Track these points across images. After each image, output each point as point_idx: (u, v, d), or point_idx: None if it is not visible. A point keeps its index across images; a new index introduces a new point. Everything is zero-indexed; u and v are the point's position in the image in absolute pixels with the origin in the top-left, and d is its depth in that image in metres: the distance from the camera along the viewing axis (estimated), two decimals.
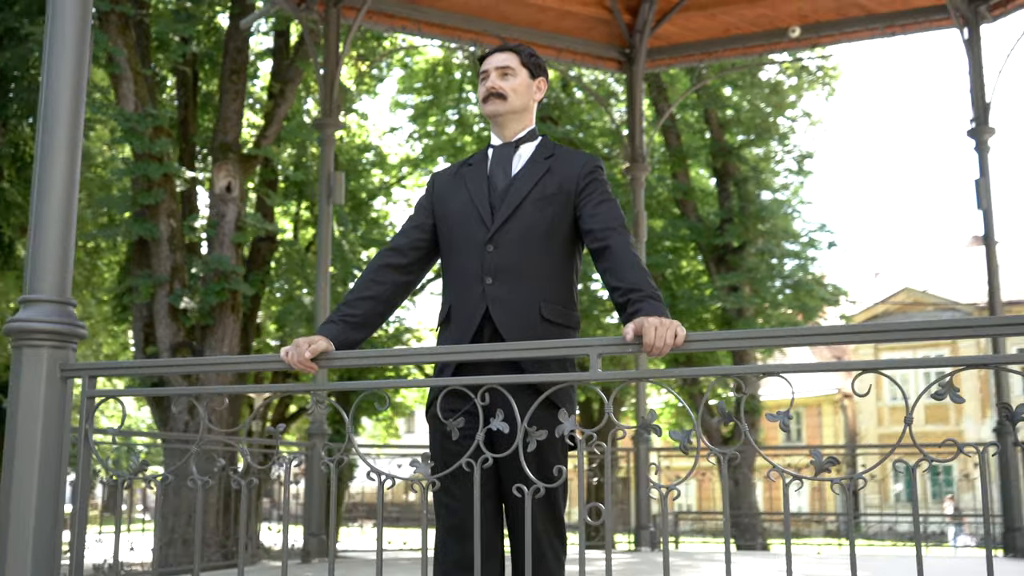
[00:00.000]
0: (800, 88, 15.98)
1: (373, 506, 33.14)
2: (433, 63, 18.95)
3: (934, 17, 9.56)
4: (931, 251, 37.60)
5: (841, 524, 31.22)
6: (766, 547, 15.06)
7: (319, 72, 8.82)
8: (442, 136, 19.99)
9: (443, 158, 20.42)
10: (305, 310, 16.02)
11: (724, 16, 9.93)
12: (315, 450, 8.10)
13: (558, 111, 17.35)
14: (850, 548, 2.26)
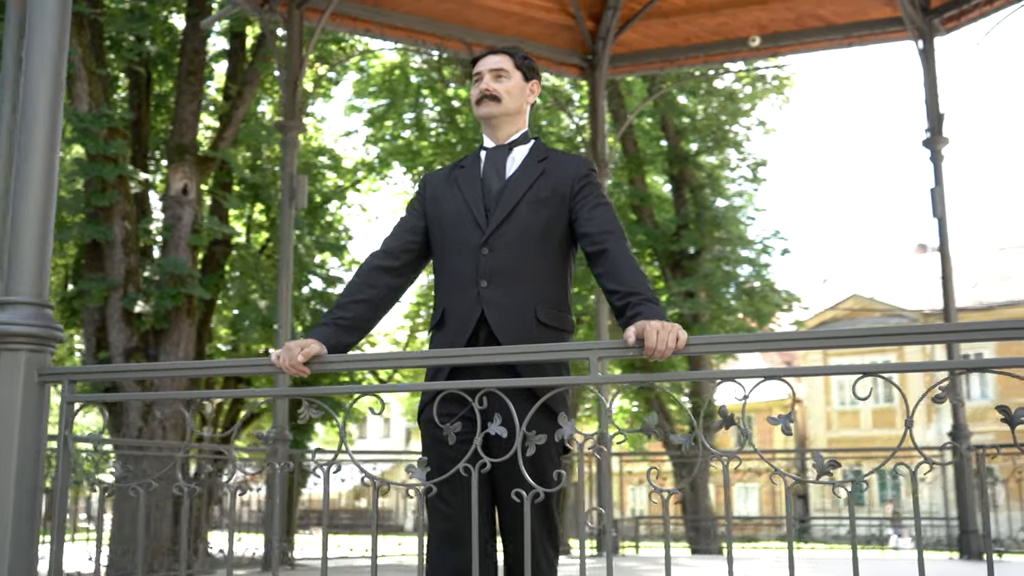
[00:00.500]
0: (755, 96, 16.16)
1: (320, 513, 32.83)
2: (390, 67, 18.87)
3: (890, 29, 9.73)
4: (878, 259, 38.27)
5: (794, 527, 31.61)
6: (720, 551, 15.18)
7: (282, 74, 8.74)
8: (398, 141, 19.92)
9: (398, 163, 20.37)
10: (260, 314, 15.82)
11: (685, 25, 10.02)
12: (276, 456, 8.01)
13: None
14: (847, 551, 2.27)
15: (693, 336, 2.43)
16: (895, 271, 34.82)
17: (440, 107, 19.07)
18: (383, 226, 44.49)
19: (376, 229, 49.79)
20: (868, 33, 9.85)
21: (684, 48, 10.23)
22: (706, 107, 16.46)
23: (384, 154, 20.27)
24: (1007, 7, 8.95)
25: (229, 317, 17.69)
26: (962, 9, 9.25)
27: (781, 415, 2.32)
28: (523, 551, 2.69)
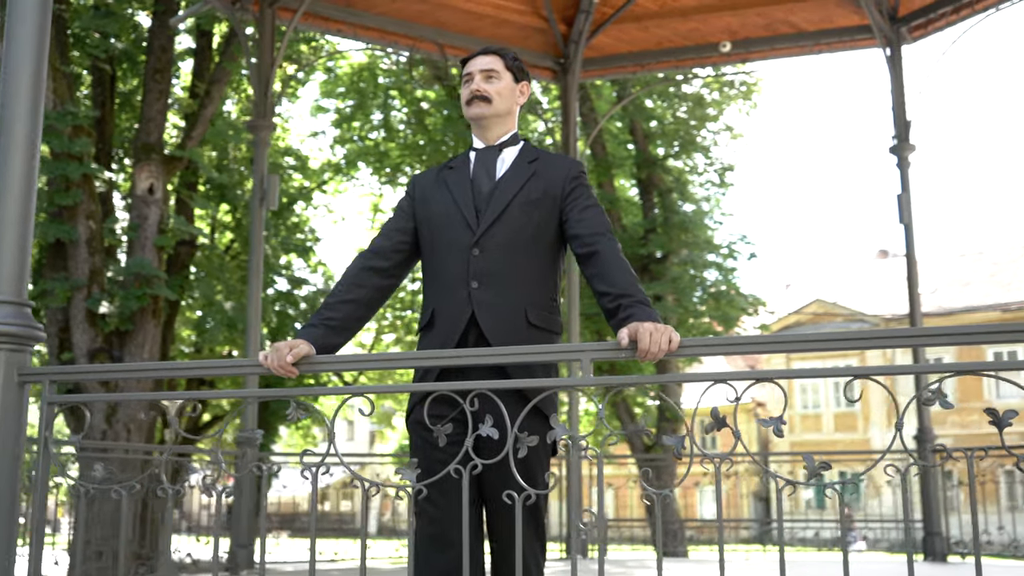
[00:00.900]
0: (723, 102, 16.28)
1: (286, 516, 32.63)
2: (358, 68, 18.80)
3: (858, 37, 9.85)
4: (840, 264, 38.69)
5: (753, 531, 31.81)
6: (686, 553, 15.26)
7: (253, 74, 8.67)
8: (366, 142, 19.85)
9: (365, 164, 20.29)
10: (225, 315, 15.69)
11: (657, 29, 10.07)
12: (245, 459, 7.94)
13: None
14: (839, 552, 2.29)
15: (684, 338, 2.44)
16: (857, 276, 35.22)
17: (408, 109, 19.02)
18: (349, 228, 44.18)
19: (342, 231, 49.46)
20: (837, 40, 9.96)
21: (656, 52, 10.28)
22: (674, 112, 16.56)
23: (351, 155, 20.20)
24: (973, 16, 9.08)
25: (192, 319, 17.52)
26: (929, 18, 9.38)
27: (772, 417, 2.34)
28: (510, 553, 2.69)
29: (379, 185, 21.30)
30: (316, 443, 28.59)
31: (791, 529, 19.58)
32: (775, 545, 12.42)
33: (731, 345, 2.48)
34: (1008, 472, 25.78)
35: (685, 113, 16.29)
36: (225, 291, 16.43)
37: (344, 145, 20.25)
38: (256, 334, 8.29)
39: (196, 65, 14.16)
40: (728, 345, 2.48)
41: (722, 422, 2.39)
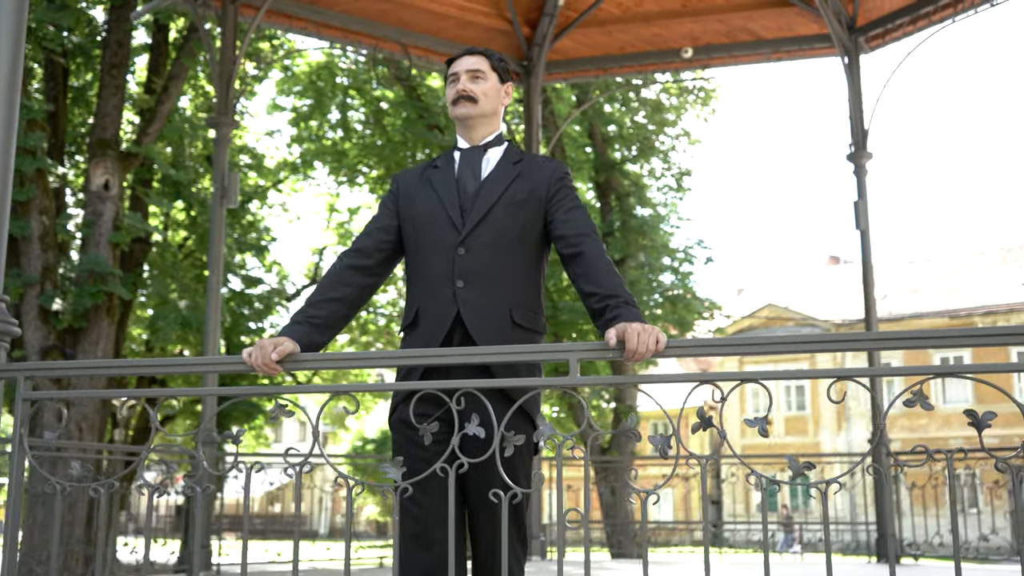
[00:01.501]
0: (681, 108, 16.42)
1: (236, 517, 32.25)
2: (316, 67, 18.67)
3: (817, 45, 9.99)
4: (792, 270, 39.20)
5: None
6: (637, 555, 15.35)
7: (215, 70, 8.58)
8: (323, 141, 19.72)
9: (321, 164, 20.16)
10: (179, 314, 15.49)
11: (620, 34, 10.13)
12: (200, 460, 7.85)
13: (445, 119, 17.36)
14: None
15: (671, 339, 2.46)
16: (808, 282, 35.71)
17: (366, 109, 18.93)
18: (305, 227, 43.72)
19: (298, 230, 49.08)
20: (796, 49, 10.09)
21: (618, 57, 10.34)
22: (633, 116, 16.67)
23: (308, 154, 20.06)
24: (929, 27, 9.26)
25: (144, 317, 17.29)
26: (887, 28, 9.54)
27: (758, 417, 2.37)
28: (493, 551, 2.71)
29: (335, 185, 21.20)
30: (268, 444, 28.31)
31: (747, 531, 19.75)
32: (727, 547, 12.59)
33: (715, 346, 2.51)
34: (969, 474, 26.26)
35: (644, 118, 16.40)
36: (179, 289, 16.24)
37: (301, 144, 20.12)
38: (215, 332, 8.20)
39: (152, 60, 13.98)
40: (712, 346, 2.51)
41: (708, 422, 2.42)
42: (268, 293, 19.99)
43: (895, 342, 2.29)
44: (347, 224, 22.86)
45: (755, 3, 9.83)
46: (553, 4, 9.71)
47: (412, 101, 17.34)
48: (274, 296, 20.09)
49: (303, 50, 17.98)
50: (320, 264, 23.34)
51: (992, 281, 31.48)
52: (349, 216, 22.86)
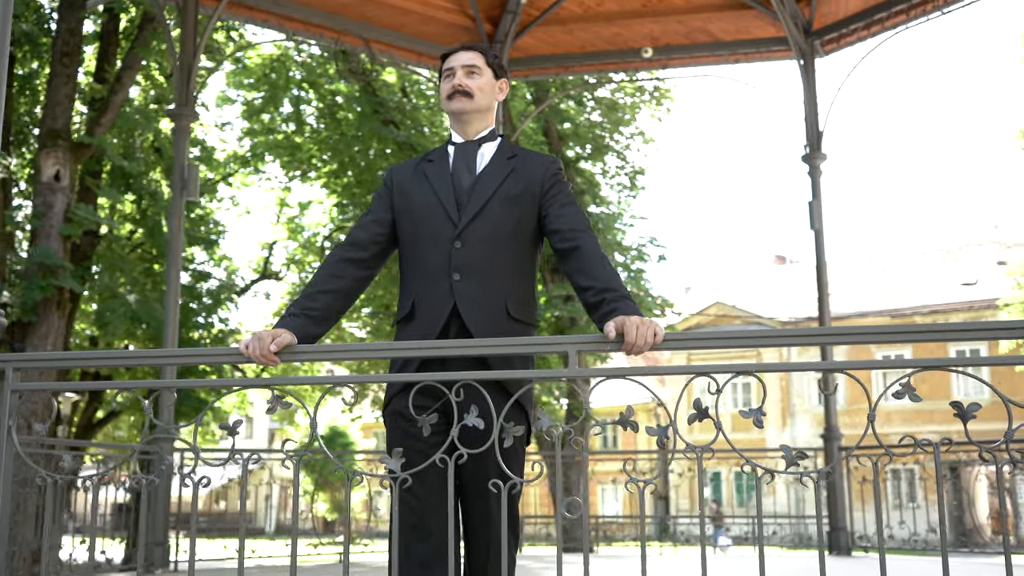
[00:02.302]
0: (636, 107, 16.56)
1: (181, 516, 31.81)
2: (268, 59, 18.49)
3: (774, 48, 10.15)
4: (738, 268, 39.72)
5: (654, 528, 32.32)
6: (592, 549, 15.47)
7: (175, 61, 8.49)
8: (275, 135, 19.54)
9: (273, 157, 19.99)
10: (129, 307, 15.26)
11: (581, 33, 10.20)
12: (160, 455, 7.77)
13: (399, 114, 17.32)
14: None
15: (669, 332, 2.52)
16: (755, 281, 36.21)
17: (320, 103, 18.80)
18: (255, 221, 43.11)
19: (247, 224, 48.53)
20: (754, 51, 10.25)
21: (579, 56, 10.42)
22: (587, 115, 16.77)
23: (258, 147, 19.87)
24: (883, 33, 9.46)
25: (88, 311, 17.01)
26: (841, 33, 9.73)
27: (753, 408, 2.43)
28: (487, 541, 2.75)
29: (287, 179, 21.03)
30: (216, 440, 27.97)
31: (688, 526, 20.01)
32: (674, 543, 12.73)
33: (711, 340, 2.57)
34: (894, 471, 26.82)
35: (599, 116, 16.51)
36: (129, 283, 16.00)
37: (253, 137, 19.92)
38: (174, 327, 8.10)
39: (101, 49, 13.74)
40: (707, 339, 2.57)
41: (704, 413, 2.48)
42: (217, 288, 19.76)
43: (896, 335, 2.37)
44: (298, 219, 22.71)
45: (714, 5, 9.96)
46: (516, 2, 9.75)
47: (367, 96, 17.26)
48: (223, 291, 19.87)
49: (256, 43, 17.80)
50: (270, 259, 23.14)
51: (932, 281, 32.21)
52: (300, 211, 22.70)
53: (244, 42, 17.36)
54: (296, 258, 22.63)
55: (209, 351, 2.69)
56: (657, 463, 22.51)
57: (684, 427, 2.62)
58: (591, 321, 2.76)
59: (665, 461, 21.32)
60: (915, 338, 2.37)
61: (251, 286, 22.90)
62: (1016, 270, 20.51)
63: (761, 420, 2.41)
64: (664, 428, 2.51)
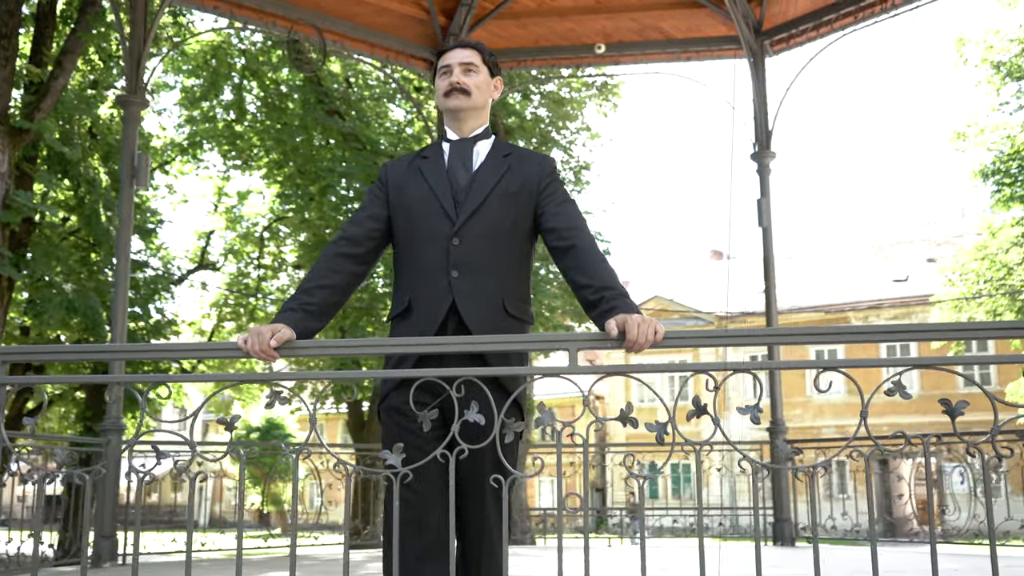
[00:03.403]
0: (581, 103, 16.64)
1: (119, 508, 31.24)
2: (208, 46, 18.18)
3: (726, 47, 10.29)
4: (676, 263, 40.20)
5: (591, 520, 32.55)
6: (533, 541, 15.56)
7: (125, 47, 8.33)
8: (214, 124, 19.25)
9: (213, 146, 19.70)
10: (65, 297, 14.93)
11: (535, 27, 10.23)
12: (110, 447, 7.65)
13: (344, 105, 17.18)
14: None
15: (669, 331, 2.56)
16: (692, 276, 36.69)
17: (263, 92, 18.55)
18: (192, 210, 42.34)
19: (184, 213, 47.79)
20: (705, 49, 10.37)
21: (532, 50, 10.45)
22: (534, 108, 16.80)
23: (195, 135, 19.57)
24: (832, 34, 9.66)
25: (19, 300, 16.60)
26: (791, 33, 9.91)
27: (749, 406, 2.49)
28: (482, 536, 2.77)
29: (226, 168, 20.74)
30: (151, 433, 27.48)
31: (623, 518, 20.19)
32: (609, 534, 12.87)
33: (707, 338, 2.62)
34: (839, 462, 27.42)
35: (546, 111, 16.56)
36: (65, 272, 15.65)
37: (192, 125, 19.60)
38: (123, 318, 7.95)
39: (37, 32, 13.40)
40: (707, 338, 2.62)
41: (702, 410, 2.53)
42: (153, 277, 19.43)
43: (898, 335, 2.44)
44: (236, 208, 22.42)
45: (667, 3, 10.07)
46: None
47: (312, 85, 17.09)
48: (159, 281, 19.55)
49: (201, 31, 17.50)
50: (208, 248, 22.81)
51: (865, 277, 32.96)
52: (239, 200, 22.41)
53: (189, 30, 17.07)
54: (234, 248, 22.36)
55: (205, 346, 2.66)
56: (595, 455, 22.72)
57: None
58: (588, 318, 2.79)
59: (602, 453, 21.53)
60: (918, 337, 2.45)
61: (187, 276, 22.56)
62: (947, 267, 21.10)
63: (758, 417, 2.47)
64: (663, 424, 2.55)
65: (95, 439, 9.88)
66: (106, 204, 15.76)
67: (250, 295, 22.19)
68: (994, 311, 17.98)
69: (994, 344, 26.05)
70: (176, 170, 21.25)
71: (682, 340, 2.66)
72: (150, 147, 19.38)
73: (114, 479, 7.78)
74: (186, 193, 22.63)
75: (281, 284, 22.39)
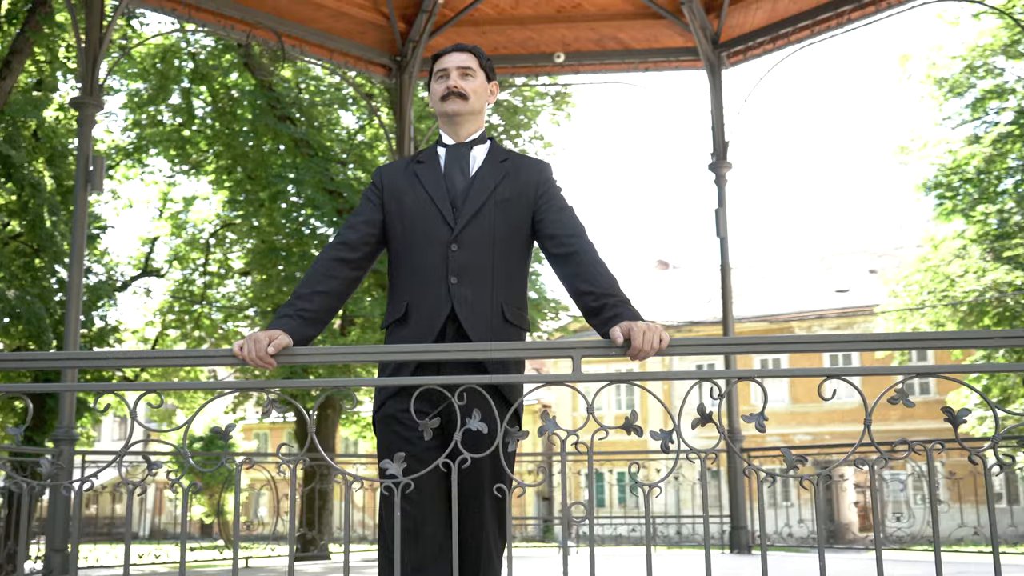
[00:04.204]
0: (536, 111, 16.67)
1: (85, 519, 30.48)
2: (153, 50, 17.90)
3: (684, 58, 10.38)
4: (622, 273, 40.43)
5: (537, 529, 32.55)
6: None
7: (80, 49, 8.15)
8: (161, 127, 18.95)
9: (159, 151, 19.39)
10: (8, 304, 14.56)
11: (495, 35, 10.23)
12: (63, 457, 7.45)
13: (297, 110, 17.02)
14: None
15: (674, 338, 2.55)
16: (638, 285, 36.92)
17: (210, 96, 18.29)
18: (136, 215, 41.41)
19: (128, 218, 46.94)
20: (663, 60, 10.45)
21: (492, 58, 10.42)
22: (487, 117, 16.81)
23: (141, 139, 19.27)
24: (788, 47, 9.79)
25: None
26: (748, 46, 10.03)
27: (754, 414, 2.49)
28: (479, 544, 2.75)
29: (172, 173, 20.43)
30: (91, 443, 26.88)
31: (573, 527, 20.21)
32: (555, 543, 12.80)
33: (715, 345, 2.62)
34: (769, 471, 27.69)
35: (499, 119, 16.57)
36: (7, 278, 15.27)
37: (138, 129, 19.28)
38: (75, 324, 7.76)
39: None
40: (712, 345, 2.62)
41: (707, 418, 2.52)
42: (96, 284, 19.08)
43: (891, 343, 2.46)
44: (182, 214, 22.07)
45: (626, 14, 10.12)
46: (432, 2, 9.71)
47: (264, 91, 16.90)
48: (102, 288, 19.21)
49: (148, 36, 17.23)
50: (152, 255, 22.42)
51: (808, 288, 33.45)
52: (185, 205, 22.07)
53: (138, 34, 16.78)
54: (179, 255, 22.00)
55: (201, 352, 2.60)
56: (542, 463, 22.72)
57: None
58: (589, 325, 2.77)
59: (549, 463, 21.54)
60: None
61: (131, 282, 22.17)
62: (891, 278, 21.50)
63: (763, 425, 2.47)
64: (668, 432, 2.54)
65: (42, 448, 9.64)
66: (50, 209, 15.44)
67: (195, 302, 21.87)
68: (937, 321, 18.36)
69: (933, 354, 26.56)
70: (121, 175, 20.92)
71: (687, 348, 2.65)
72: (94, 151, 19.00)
73: (63, 492, 7.58)
74: (131, 198, 22.28)
75: (228, 291, 22.09)
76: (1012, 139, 17.83)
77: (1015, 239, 17.54)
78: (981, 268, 17.76)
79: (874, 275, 31.76)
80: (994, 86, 18.43)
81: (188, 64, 17.96)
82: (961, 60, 18.59)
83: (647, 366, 32.22)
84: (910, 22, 79.71)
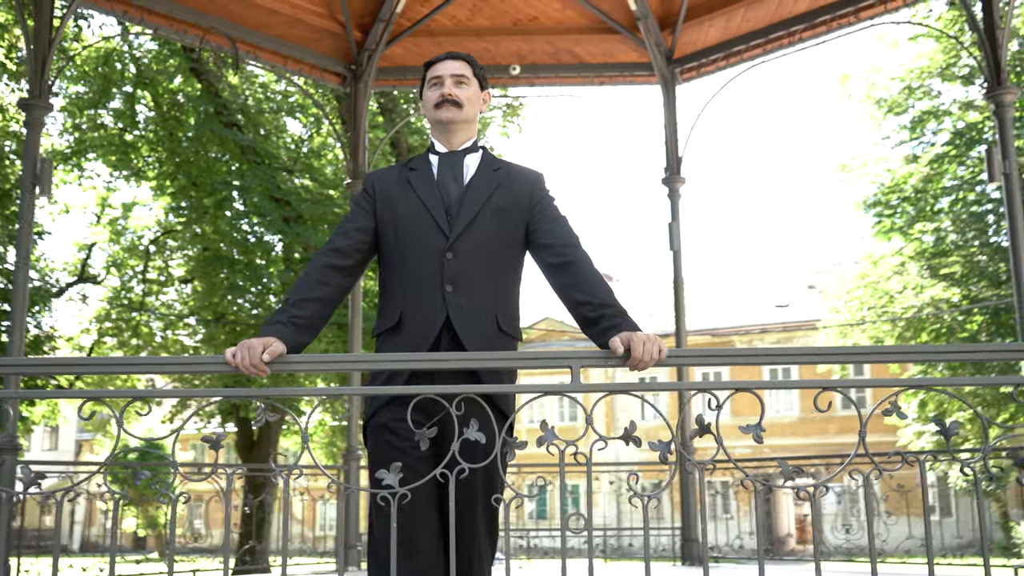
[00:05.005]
0: (487, 123, 16.69)
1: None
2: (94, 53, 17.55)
3: (639, 73, 10.45)
4: None
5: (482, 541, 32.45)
6: None
7: (29, 50, 7.96)
8: (101, 132, 18.59)
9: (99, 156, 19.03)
10: None
11: (451, 46, 10.18)
12: (6, 467, 7.23)
13: (244, 116, 16.84)
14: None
15: (672, 349, 2.56)
16: None
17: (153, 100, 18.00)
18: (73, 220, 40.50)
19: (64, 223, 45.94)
20: (618, 75, 10.51)
21: None
22: None
23: (86, 144, 18.88)
24: (741, 64, 9.92)
25: None
26: (701, 62, 10.13)
27: (750, 424, 2.50)
28: (471, 554, 2.73)
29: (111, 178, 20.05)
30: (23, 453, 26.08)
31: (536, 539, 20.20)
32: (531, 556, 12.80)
33: (713, 356, 2.63)
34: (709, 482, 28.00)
35: None
36: None
37: (77, 133, 18.89)
38: (21, 332, 7.55)
39: None
40: (710, 356, 2.62)
41: (706, 428, 2.53)
42: (31, 290, 18.63)
43: (888, 356, 2.49)
44: (121, 220, 21.68)
45: (582, 28, 10.17)
46: (389, 11, 9.65)
47: (210, 97, 16.68)
48: (38, 293, 18.79)
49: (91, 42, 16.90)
50: (89, 261, 21.96)
51: (749, 302, 33.93)
52: (124, 211, 21.68)
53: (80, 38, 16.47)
54: (117, 261, 21.59)
55: (193, 360, 2.53)
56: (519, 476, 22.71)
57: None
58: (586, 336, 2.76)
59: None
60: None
61: (66, 289, 21.69)
62: (831, 294, 21.90)
63: (760, 436, 2.49)
64: (667, 443, 2.54)
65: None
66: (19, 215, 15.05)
67: (134, 310, 21.46)
68: (876, 337, 18.73)
69: (870, 368, 27.05)
70: (59, 179, 20.48)
71: (685, 359, 2.66)
72: None
73: (7, 506, 7.35)
74: (67, 203, 21.81)
75: (167, 299, 21.73)
76: (948, 159, 18.30)
77: (951, 257, 17.99)
78: (919, 285, 18.18)
79: (813, 290, 32.33)
80: (931, 107, 18.91)
81: (131, 68, 17.67)
82: (899, 81, 19.04)
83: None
84: (851, 43, 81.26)
